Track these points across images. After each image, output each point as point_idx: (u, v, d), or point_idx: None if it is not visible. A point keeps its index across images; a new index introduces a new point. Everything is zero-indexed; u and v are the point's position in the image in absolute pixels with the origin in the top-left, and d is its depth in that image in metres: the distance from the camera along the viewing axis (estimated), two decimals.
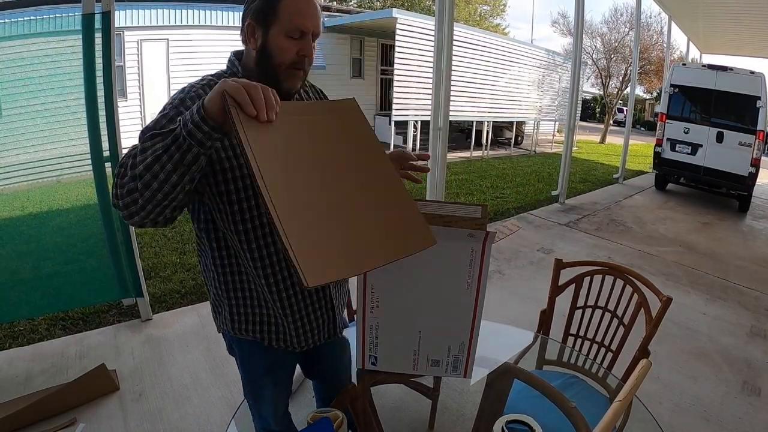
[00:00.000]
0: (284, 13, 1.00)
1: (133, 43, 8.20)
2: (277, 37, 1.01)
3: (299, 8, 1.01)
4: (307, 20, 1.02)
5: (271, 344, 1.17)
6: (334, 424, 1.00)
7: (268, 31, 1.01)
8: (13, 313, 2.65)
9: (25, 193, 2.75)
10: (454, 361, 1.13)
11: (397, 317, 1.11)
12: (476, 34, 10.62)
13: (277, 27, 1.01)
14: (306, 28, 1.02)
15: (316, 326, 1.19)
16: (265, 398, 1.29)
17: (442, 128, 4.12)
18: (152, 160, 0.81)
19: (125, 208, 0.85)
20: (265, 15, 1.01)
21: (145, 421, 2.09)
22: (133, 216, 0.85)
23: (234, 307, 1.15)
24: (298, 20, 1.01)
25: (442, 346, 1.13)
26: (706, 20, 8.84)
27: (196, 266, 3.87)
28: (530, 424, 1.01)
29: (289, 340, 1.17)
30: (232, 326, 1.17)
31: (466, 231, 0.98)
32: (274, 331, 1.16)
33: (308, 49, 1.04)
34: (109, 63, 2.44)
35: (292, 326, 1.14)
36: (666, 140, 7.29)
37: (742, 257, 4.84)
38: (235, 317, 1.15)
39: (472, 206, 1.07)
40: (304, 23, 1.02)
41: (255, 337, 1.17)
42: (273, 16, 1.00)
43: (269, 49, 1.02)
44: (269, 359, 1.22)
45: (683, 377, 2.62)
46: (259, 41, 1.03)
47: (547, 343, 1.84)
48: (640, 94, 23.56)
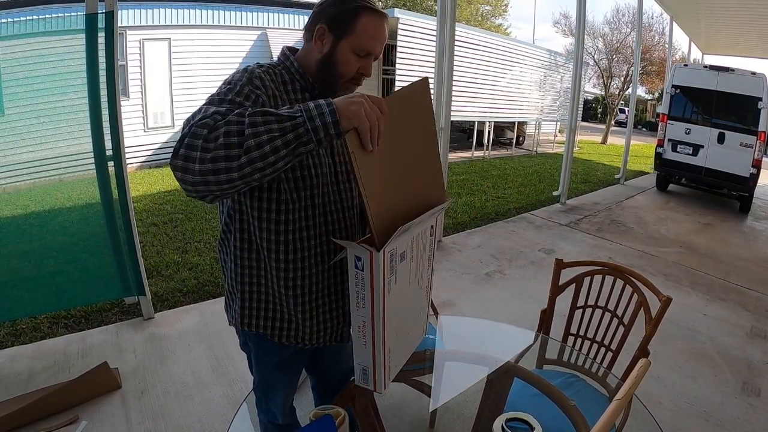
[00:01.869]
0: (360, 30, 1.04)
1: (136, 43, 8.21)
2: (346, 51, 1.05)
3: (374, 31, 1.05)
4: (377, 44, 1.07)
5: (281, 341, 1.17)
6: (336, 421, 1.01)
7: (339, 42, 1.05)
8: (15, 311, 2.66)
9: (27, 191, 2.76)
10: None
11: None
12: (478, 34, 10.62)
13: (349, 41, 1.04)
14: (374, 50, 1.07)
15: (330, 325, 1.20)
16: (275, 393, 1.30)
17: (443, 128, 4.13)
18: (267, 139, 0.79)
19: (201, 174, 0.80)
20: (341, 26, 1.04)
21: (147, 419, 2.10)
22: (202, 184, 0.81)
23: (246, 301, 1.15)
24: (369, 42, 1.05)
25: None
26: (708, 21, 8.83)
27: (198, 265, 3.88)
28: (530, 423, 1.02)
29: (300, 336, 1.17)
30: (241, 320, 1.16)
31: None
32: (286, 327, 1.16)
33: (369, 69, 1.09)
34: (111, 62, 2.45)
35: (307, 323, 1.16)
36: (667, 141, 7.29)
37: (742, 258, 4.84)
38: (245, 311, 1.16)
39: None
40: (374, 46, 1.06)
41: (264, 333, 1.17)
42: (348, 29, 1.04)
43: (335, 59, 1.05)
44: (281, 355, 1.23)
45: (683, 377, 2.62)
46: (327, 48, 1.05)
47: (548, 343, 1.85)
48: (641, 94, 23.57)
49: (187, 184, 0.82)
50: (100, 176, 2.59)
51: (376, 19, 1.05)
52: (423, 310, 1.30)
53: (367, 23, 1.04)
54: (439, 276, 3.74)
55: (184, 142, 0.81)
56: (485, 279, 3.83)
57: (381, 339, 1.05)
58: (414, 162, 1.06)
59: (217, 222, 5.01)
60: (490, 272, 3.97)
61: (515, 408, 1.16)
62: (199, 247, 4.34)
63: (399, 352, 1.18)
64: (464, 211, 5.93)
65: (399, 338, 1.16)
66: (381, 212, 0.93)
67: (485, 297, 3.50)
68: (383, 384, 1.11)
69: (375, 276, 0.98)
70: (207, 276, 3.68)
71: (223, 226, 1.14)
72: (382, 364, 1.09)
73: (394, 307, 1.07)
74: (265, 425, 1.38)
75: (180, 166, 0.81)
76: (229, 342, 2.67)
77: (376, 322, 1.03)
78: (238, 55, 9.46)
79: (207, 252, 4.21)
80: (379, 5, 1.09)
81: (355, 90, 1.11)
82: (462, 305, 3.33)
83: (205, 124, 0.81)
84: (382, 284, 0.98)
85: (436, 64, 4.09)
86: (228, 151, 0.78)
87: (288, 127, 0.80)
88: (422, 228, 1.12)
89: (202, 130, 0.81)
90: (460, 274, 3.89)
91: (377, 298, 1.00)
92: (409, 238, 1.07)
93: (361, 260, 0.98)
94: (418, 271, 1.18)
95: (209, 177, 0.80)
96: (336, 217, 1.14)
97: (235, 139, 0.79)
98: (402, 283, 1.09)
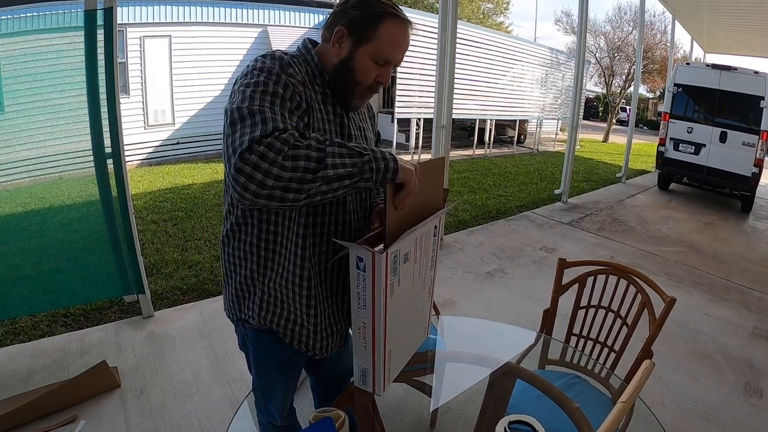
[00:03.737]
0: (381, 37, 1.01)
1: (136, 40, 8.19)
2: (364, 57, 1.02)
3: (395, 38, 1.02)
4: (398, 53, 1.04)
5: (291, 343, 1.15)
6: (336, 423, 1.00)
7: (358, 48, 1.02)
8: (14, 309, 2.65)
9: (26, 189, 2.74)
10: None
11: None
12: (479, 31, 10.58)
13: (369, 47, 1.01)
14: (394, 59, 1.04)
15: (331, 333, 1.18)
16: (274, 393, 1.29)
17: (445, 126, 4.12)
18: (344, 173, 0.86)
19: (269, 188, 0.81)
20: (362, 31, 1.01)
21: (146, 419, 2.09)
22: (265, 198, 0.82)
23: (267, 296, 1.11)
24: (390, 50, 1.02)
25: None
26: (710, 19, 8.79)
27: (198, 263, 3.87)
28: (533, 425, 1.01)
29: (304, 343, 1.15)
30: (259, 313, 1.12)
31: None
32: (297, 332, 1.14)
33: (387, 78, 1.06)
34: (111, 59, 2.43)
35: (312, 329, 1.14)
36: (669, 140, 7.27)
37: (745, 258, 4.83)
38: (264, 305, 1.12)
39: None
40: (395, 55, 1.04)
41: (277, 330, 1.14)
42: (369, 36, 1.01)
43: (353, 65, 1.03)
44: (282, 356, 1.20)
45: (685, 378, 2.61)
46: (345, 53, 1.03)
47: (550, 343, 1.84)
48: (643, 93, 23.50)
49: (247, 192, 0.81)
50: (100, 174, 2.58)
51: (399, 26, 1.02)
52: (425, 311, 1.29)
53: (390, 30, 1.01)
54: (441, 274, 3.72)
55: (255, 151, 0.81)
56: (486, 278, 3.82)
57: (381, 341, 1.04)
58: (425, 204, 1.12)
59: (218, 220, 4.99)
60: (492, 271, 3.96)
61: (517, 409, 1.15)
62: (199, 245, 4.33)
63: (400, 354, 1.17)
64: (465, 209, 5.92)
65: (400, 340, 1.15)
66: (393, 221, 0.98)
67: (486, 296, 3.48)
68: (382, 386, 1.10)
69: (377, 277, 0.96)
70: (207, 274, 3.67)
71: (237, 219, 1.09)
72: (381, 367, 1.07)
73: (396, 309, 1.06)
74: (264, 426, 1.36)
75: (247, 173, 0.81)
76: (228, 341, 2.66)
77: (377, 323, 1.01)
78: (239, 52, 9.44)
79: (207, 250, 4.20)
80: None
81: (369, 99, 1.11)
82: (463, 304, 3.32)
83: (286, 140, 0.83)
84: (383, 286, 0.97)
85: (438, 62, 4.07)
86: (304, 175, 0.83)
87: (358, 162, 0.88)
88: (426, 229, 1.11)
89: (282, 145, 0.82)
90: (461, 273, 3.88)
91: (378, 299, 0.99)
92: (413, 239, 1.06)
93: (363, 261, 0.97)
94: (421, 272, 1.17)
95: (276, 192, 0.82)
96: (355, 216, 1.15)
97: (314, 165, 0.83)
98: (405, 284, 1.08)
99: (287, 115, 0.90)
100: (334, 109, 1.08)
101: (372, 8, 1.00)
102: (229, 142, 0.85)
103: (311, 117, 1.01)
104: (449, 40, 3.99)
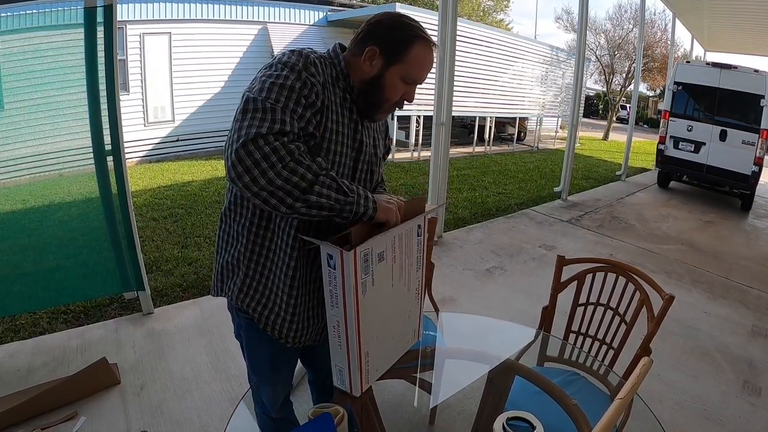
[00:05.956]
0: (411, 59, 1.06)
1: (136, 37, 8.17)
2: (394, 76, 1.07)
3: (423, 60, 1.08)
4: (424, 73, 1.10)
5: (265, 329, 1.17)
6: (335, 419, 1.00)
7: (389, 67, 1.07)
8: (14, 306, 2.65)
9: (26, 186, 2.74)
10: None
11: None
12: (480, 29, 10.58)
13: (399, 68, 1.07)
14: (420, 79, 1.10)
15: (308, 325, 1.19)
16: (266, 385, 1.31)
17: (444, 123, 4.12)
18: (325, 204, 0.94)
19: (259, 187, 0.88)
20: (393, 52, 1.06)
21: (146, 415, 2.10)
22: (268, 195, 0.89)
23: (248, 278, 1.14)
24: (417, 71, 1.08)
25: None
26: (711, 17, 8.77)
27: (198, 260, 3.88)
28: (531, 422, 1.01)
29: (278, 330, 1.17)
30: (238, 295, 1.15)
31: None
32: (273, 320, 1.15)
33: (412, 96, 1.13)
34: (111, 57, 2.43)
35: (289, 318, 1.15)
36: (669, 138, 7.27)
37: (744, 256, 4.83)
38: (245, 288, 1.15)
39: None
40: (421, 75, 1.10)
41: (252, 315, 1.16)
42: (400, 57, 1.06)
43: (383, 83, 1.08)
44: (273, 347, 1.22)
45: (684, 376, 2.62)
46: (376, 71, 1.07)
47: (549, 340, 1.84)
48: (643, 91, 23.48)
49: (239, 180, 0.88)
50: (100, 171, 2.58)
51: (427, 49, 1.08)
52: (413, 313, 1.28)
53: (419, 53, 1.06)
54: (440, 271, 3.72)
55: (260, 148, 0.87)
56: (486, 275, 3.82)
57: (355, 341, 1.04)
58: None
59: (217, 217, 5.00)
60: (491, 268, 3.96)
61: (516, 406, 1.15)
62: (198, 242, 4.33)
63: (381, 356, 1.16)
64: (465, 206, 5.92)
65: (381, 342, 1.14)
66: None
67: (486, 293, 3.49)
68: (359, 387, 1.10)
69: (346, 275, 0.96)
70: (207, 271, 3.67)
71: (235, 198, 1.12)
72: (357, 368, 1.07)
73: (371, 309, 1.05)
74: (260, 417, 1.39)
75: (246, 165, 0.87)
76: (228, 337, 2.65)
77: (350, 323, 1.01)
78: (239, 49, 9.43)
79: (207, 247, 4.20)
80: (381, 0, 1.09)
81: (394, 110, 1.17)
82: (462, 301, 3.33)
83: (291, 151, 0.90)
84: (353, 284, 0.97)
85: (438, 59, 4.07)
86: (293, 190, 0.90)
87: (341, 200, 0.96)
88: (405, 229, 1.11)
89: (285, 154, 0.89)
90: (460, 270, 3.88)
91: (349, 298, 0.99)
92: (389, 238, 1.05)
93: (333, 258, 0.97)
94: (403, 273, 1.16)
95: (263, 193, 0.89)
96: None
97: (304, 185, 0.90)
98: (382, 284, 1.07)
99: (299, 111, 0.95)
100: (351, 114, 1.11)
101: (405, 31, 1.06)
102: (236, 126, 0.91)
103: (326, 117, 1.04)
104: (449, 37, 3.99)
